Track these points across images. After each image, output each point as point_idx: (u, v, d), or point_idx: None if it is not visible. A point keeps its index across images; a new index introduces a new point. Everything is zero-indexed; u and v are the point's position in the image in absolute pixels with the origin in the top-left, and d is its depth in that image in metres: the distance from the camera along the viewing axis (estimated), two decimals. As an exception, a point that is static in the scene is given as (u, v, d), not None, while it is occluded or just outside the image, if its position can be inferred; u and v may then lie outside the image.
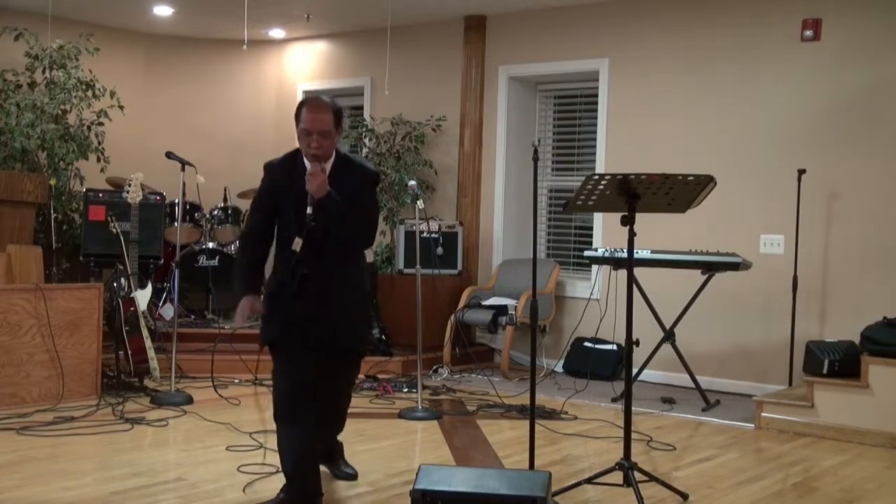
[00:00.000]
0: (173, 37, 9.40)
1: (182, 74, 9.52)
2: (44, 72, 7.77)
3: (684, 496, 4.05)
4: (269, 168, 3.83)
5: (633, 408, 4.25)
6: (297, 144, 3.74)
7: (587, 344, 7.12)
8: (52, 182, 7.23)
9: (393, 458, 4.65)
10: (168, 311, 7.16)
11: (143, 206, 6.32)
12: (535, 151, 3.97)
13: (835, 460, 4.91)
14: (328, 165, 3.69)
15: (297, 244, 3.62)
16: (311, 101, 3.69)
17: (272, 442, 4.81)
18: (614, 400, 6.21)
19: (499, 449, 4.88)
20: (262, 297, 3.80)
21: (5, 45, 7.73)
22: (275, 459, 3.94)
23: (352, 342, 3.86)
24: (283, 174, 3.75)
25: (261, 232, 3.81)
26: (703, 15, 6.90)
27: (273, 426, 3.73)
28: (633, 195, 3.94)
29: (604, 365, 6.95)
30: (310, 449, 3.72)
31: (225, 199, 8.22)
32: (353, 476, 4.23)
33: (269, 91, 9.68)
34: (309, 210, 3.60)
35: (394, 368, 6.98)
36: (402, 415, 5.57)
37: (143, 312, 6.06)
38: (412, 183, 6.12)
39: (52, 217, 7.51)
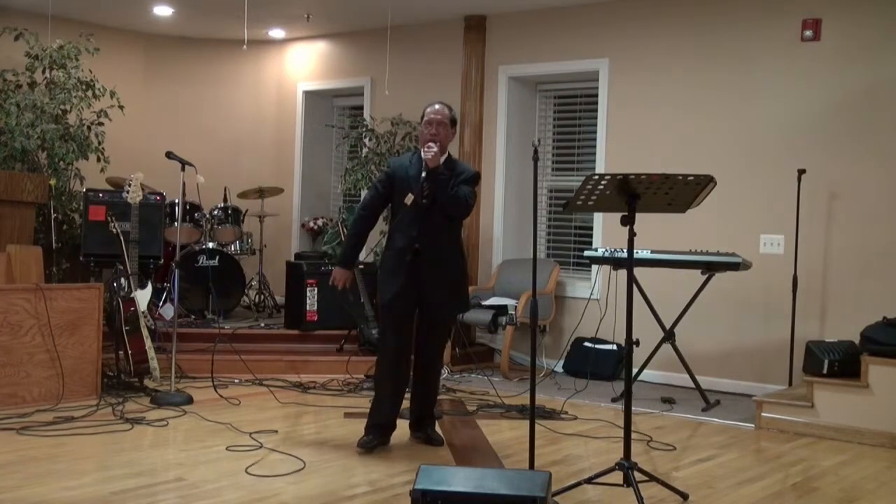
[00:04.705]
0: (173, 37, 9.41)
1: (182, 74, 9.52)
2: (44, 72, 7.77)
3: (684, 496, 4.05)
4: (389, 162, 5.04)
5: (633, 408, 4.25)
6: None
7: (587, 344, 7.12)
8: (52, 182, 7.23)
9: (393, 458, 4.65)
10: (168, 311, 7.16)
11: (143, 206, 6.31)
12: (535, 151, 3.97)
13: (835, 460, 4.91)
14: (442, 158, 4.66)
15: (409, 198, 4.51)
16: (433, 103, 4.80)
17: (272, 442, 4.83)
18: (614, 400, 6.21)
19: (499, 449, 4.89)
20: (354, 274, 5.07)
21: (5, 45, 7.74)
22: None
23: (446, 306, 4.81)
24: (400, 165, 4.81)
25: (375, 209, 4.88)
26: (704, 15, 6.91)
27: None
28: (633, 195, 3.94)
29: (604, 365, 6.95)
30: (399, 391, 4.79)
31: (225, 199, 8.22)
32: (440, 441, 4.90)
33: (269, 91, 9.68)
34: (423, 176, 4.57)
35: (394, 368, 6.97)
36: (401, 414, 5.55)
37: (143, 312, 6.06)
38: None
39: (52, 217, 7.51)
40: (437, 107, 4.75)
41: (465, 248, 5.27)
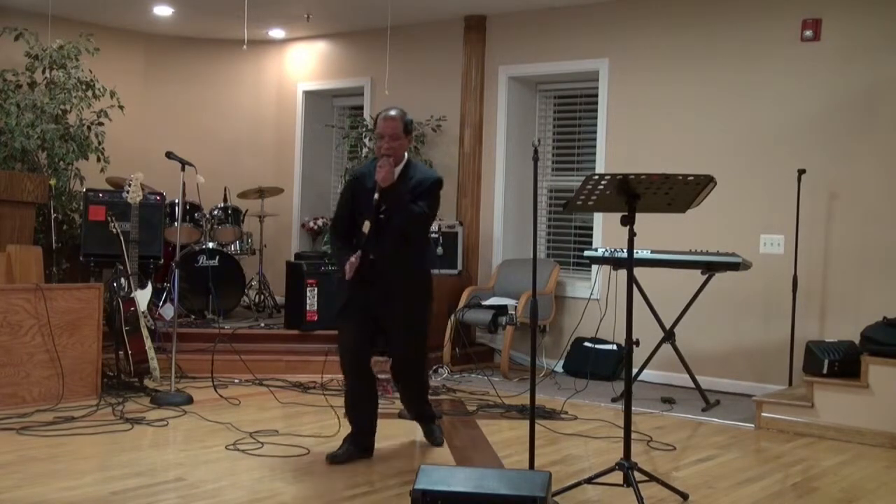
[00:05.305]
0: (173, 37, 9.41)
1: (182, 74, 9.52)
2: (44, 72, 7.77)
3: (684, 496, 4.05)
4: (351, 173, 4.85)
5: (633, 408, 4.25)
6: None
7: (587, 344, 7.12)
8: (52, 182, 7.23)
9: (393, 458, 4.65)
10: (168, 311, 7.16)
11: (143, 206, 6.31)
12: (535, 151, 3.97)
13: (835, 460, 4.91)
14: (398, 168, 4.46)
15: (366, 226, 4.45)
16: (384, 112, 4.51)
17: (272, 444, 4.83)
18: (614, 400, 6.21)
19: (499, 449, 4.89)
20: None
21: (5, 45, 7.74)
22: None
23: (404, 316, 4.56)
24: (360, 176, 4.58)
25: (345, 225, 4.61)
26: (703, 15, 6.91)
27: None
28: (633, 195, 3.94)
29: (604, 365, 6.95)
30: (366, 398, 4.65)
31: (225, 199, 8.22)
32: (440, 441, 4.87)
33: (269, 91, 9.68)
34: (376, 196, 4.38)
35: (394, 368, 6.97)
36: (401, 415, 5.55)
37: (143, 312, 6.06)
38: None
39: (52, 217, 7.51)
40: (392, 113, 4.48)
41: (429, 258, 4.97)
